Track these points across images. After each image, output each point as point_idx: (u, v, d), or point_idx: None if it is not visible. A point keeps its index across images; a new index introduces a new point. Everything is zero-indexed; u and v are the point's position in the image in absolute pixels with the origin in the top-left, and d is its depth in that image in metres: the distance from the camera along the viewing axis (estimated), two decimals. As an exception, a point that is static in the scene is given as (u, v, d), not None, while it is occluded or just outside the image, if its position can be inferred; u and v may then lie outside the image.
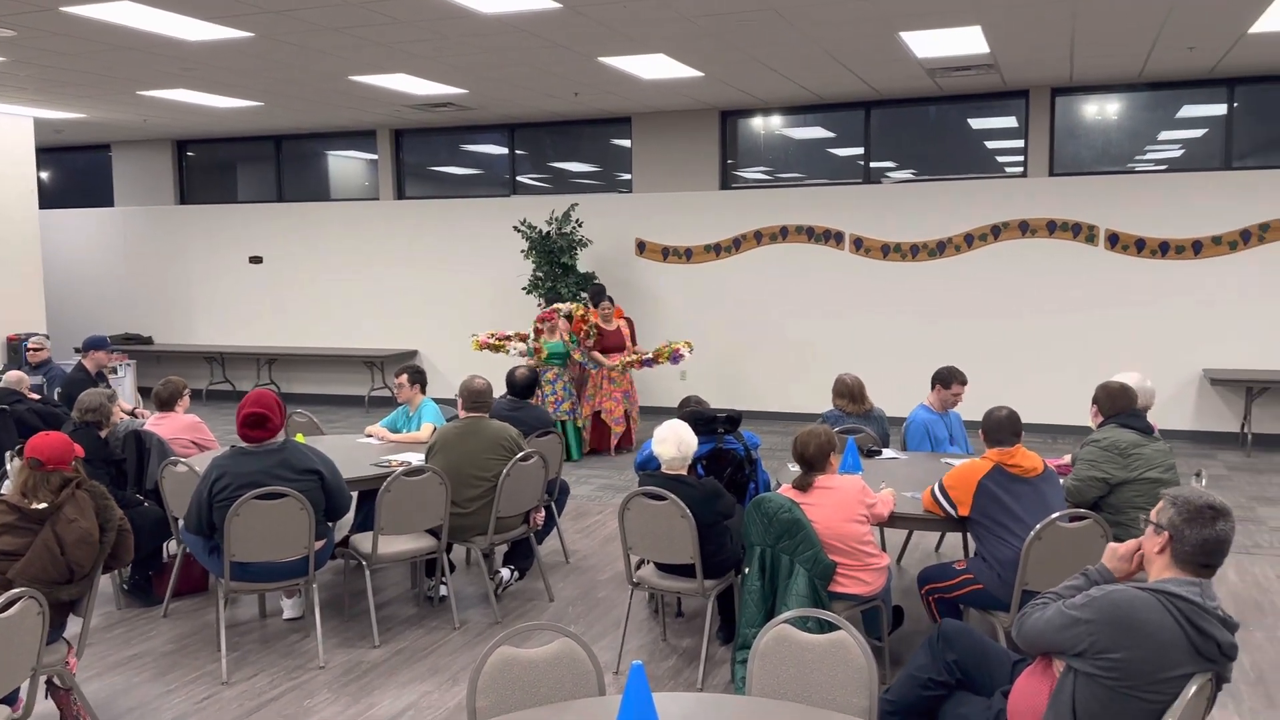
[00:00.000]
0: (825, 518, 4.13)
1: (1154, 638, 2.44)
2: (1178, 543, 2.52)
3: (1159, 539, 2.56)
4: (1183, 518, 2.52)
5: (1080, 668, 2.52)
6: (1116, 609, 2.48)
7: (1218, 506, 2.52)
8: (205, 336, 13.17)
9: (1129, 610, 2.47)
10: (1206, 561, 2.51)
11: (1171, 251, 9.55)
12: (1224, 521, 2.51)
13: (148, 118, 11.17)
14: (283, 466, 4.45)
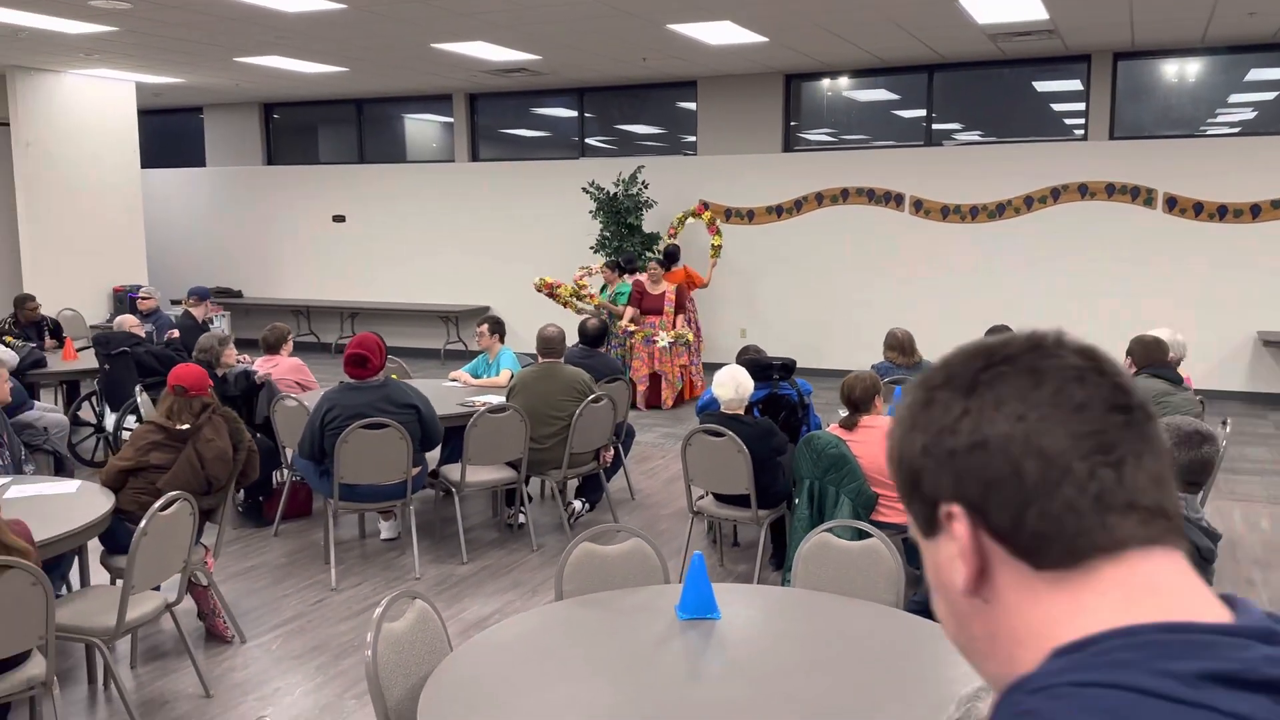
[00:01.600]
0: (869, 454, 4.56)
1: None
2: None
3: None
4: (1173, 441, 2.91)
5: None
6: None
7: (1203, 432, 2.90)
8: (292, 291, 13.91)
9: None
10: (1192, 479, 2.90)
11: (1230, 215, 9.66)
12: (1209, 445, 2.90)
13: (240, 82, 11.82)
14: (385, 401, 5.01)
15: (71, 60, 10.32)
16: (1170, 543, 0.73)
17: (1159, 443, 0.74)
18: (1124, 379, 0.75)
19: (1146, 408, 0.75)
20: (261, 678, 4.14)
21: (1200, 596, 0.71)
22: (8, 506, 3.78)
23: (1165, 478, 0.74)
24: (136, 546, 3.54)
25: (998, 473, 0.72)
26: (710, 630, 2.81)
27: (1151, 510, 0.72)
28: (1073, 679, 0.65)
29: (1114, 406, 0.73)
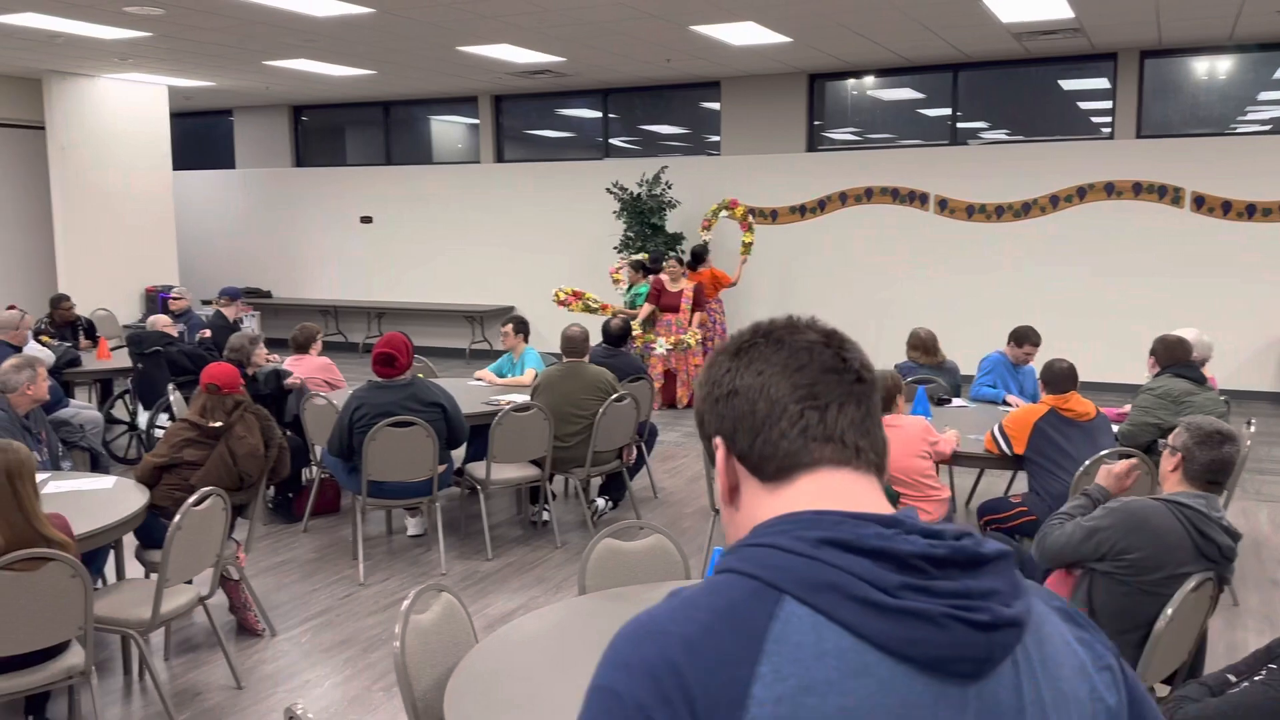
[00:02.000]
0: (891, 453, 4.57)
1: (1163, 538, 2.87)
2: (1189, 462, 2.93)
3: (1173, 459, 2.98)
4: (1195, 440, 2.93)
5: (1099, 568, 2.96)
6: (1131, 514, 2.91)
7: (1225, 432, 2.92)
8: (319, 291, 14.07)
9: (1142, 515, 2.90)
10: (1213, 479, 2.91)
11: (1258, 214, 9.58)
12: (1230, 445, 2.91)
13: (269, 85, 11.98)
14: (412, 399, 5.09)
15: (106, 65, 10.50)
16: (858, 467, 0.99)
17: (867, 399, 1.01)
18: (847, 352, 1.02)
19: (861, 373, 1.01)
20: (292, 670, 4.23)
21: (868, 500, 0.97)
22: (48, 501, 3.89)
23: (864, 423, 1.00)
24: (170, 541, 3.64)
25: (741, 412, 1.00)
26: (730, 625, 2.85)
27: (846, 443, 0.98)
28: (746, 541, 0.94)
29: (829, 369, 1.00)
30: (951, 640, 0.85)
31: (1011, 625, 0.88)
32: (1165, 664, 2.87)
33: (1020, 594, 0.92)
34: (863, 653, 0.85)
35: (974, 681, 0.87)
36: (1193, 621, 2.91)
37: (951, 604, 0.86)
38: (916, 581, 0.87)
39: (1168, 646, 2.82)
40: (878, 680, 0.84)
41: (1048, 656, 0.93)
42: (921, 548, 0.88)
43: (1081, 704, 0.94)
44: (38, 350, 7.03)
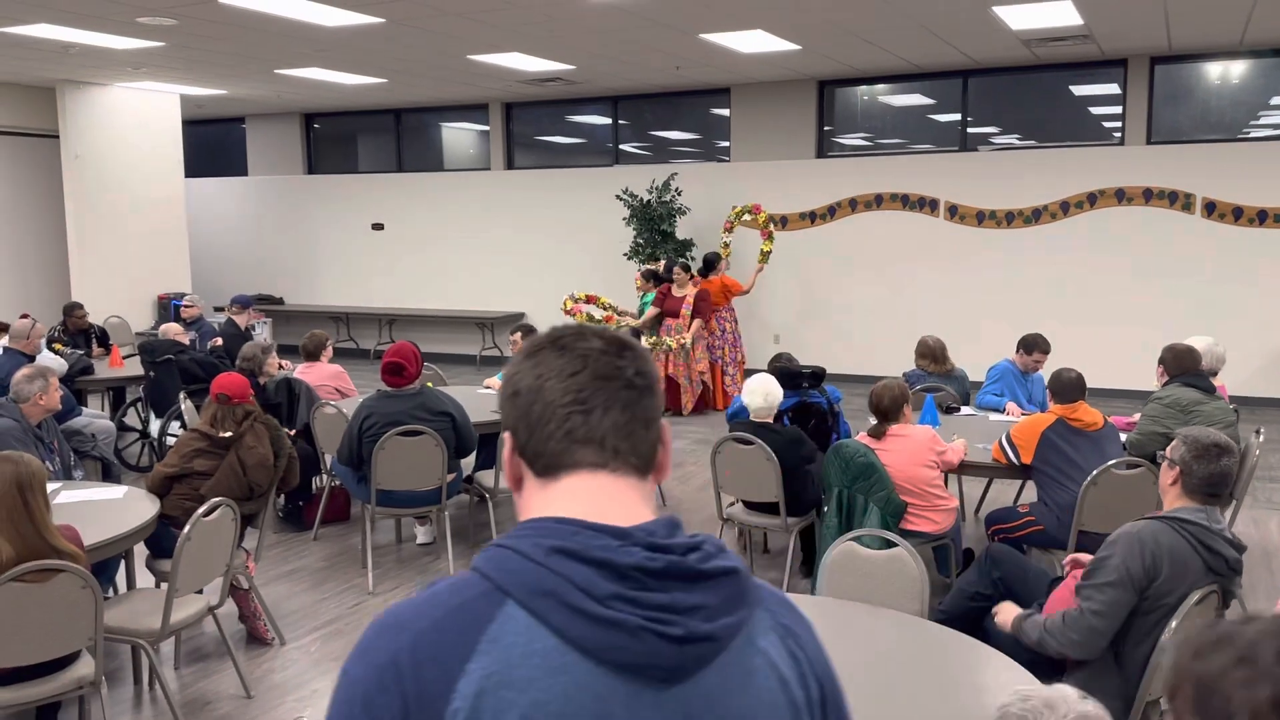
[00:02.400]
0: (898, 462, 4.59)
1: (1175, 559, 2.85)
2: (1187, 476, 2.92)
3: (1172, 473, 2.96)
4: (1192, 454, 2.91)
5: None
6: (1141, 544, 2.85)
7: (1222, 445, 2.90)
8: (331, 298, 14.14)
9: (1152, 540, 2.85)
10: (1212, 492, 2.90)
11: (1270, 219, 9.54)
12: (1228, 458, 2.90)
13: (281, 93, 12.05)
14: (421, 408, 5.11)
15: (119, 74, 10.58)
16: (615, 469, 1.07)
17: (635, 404, 1.07)
18: (623, 359, 1.08)
19: (633, 380, 1.08)
20: (301, 679, 4.25)
21: (619, 501, 1.05)
22: (59, 511, 3.93)
23: (627, 426, 1.07)
24: (180, 551, 3.66)
25: (521, 411, 1.08)
26: (735, 637, 2.86)
27: (606, 446, 1.06)
28: (497, 542, 1.03)
29: (600, 375, 1.06)
30: (644, 649, 0.96)
31: (706, 640, 0.98)
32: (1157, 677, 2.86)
33: (734, 610, 1.01)
34: (564, 654, 0.95)
35: (670, 685, 0.97)
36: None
37: (650, 616, 0.96)
38: (627, 592, 0.97)
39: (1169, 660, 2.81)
40: (574, 679, 0.95)
41: (735, 686, 1.01)
42: (640, 560, 0.98)
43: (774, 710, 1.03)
44: (51, 359, 7.08)
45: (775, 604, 1.11)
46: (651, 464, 1.11)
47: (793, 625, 1.11)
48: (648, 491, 1.09)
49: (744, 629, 1.03)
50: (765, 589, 1.12)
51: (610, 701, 0.95)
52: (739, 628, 1.02)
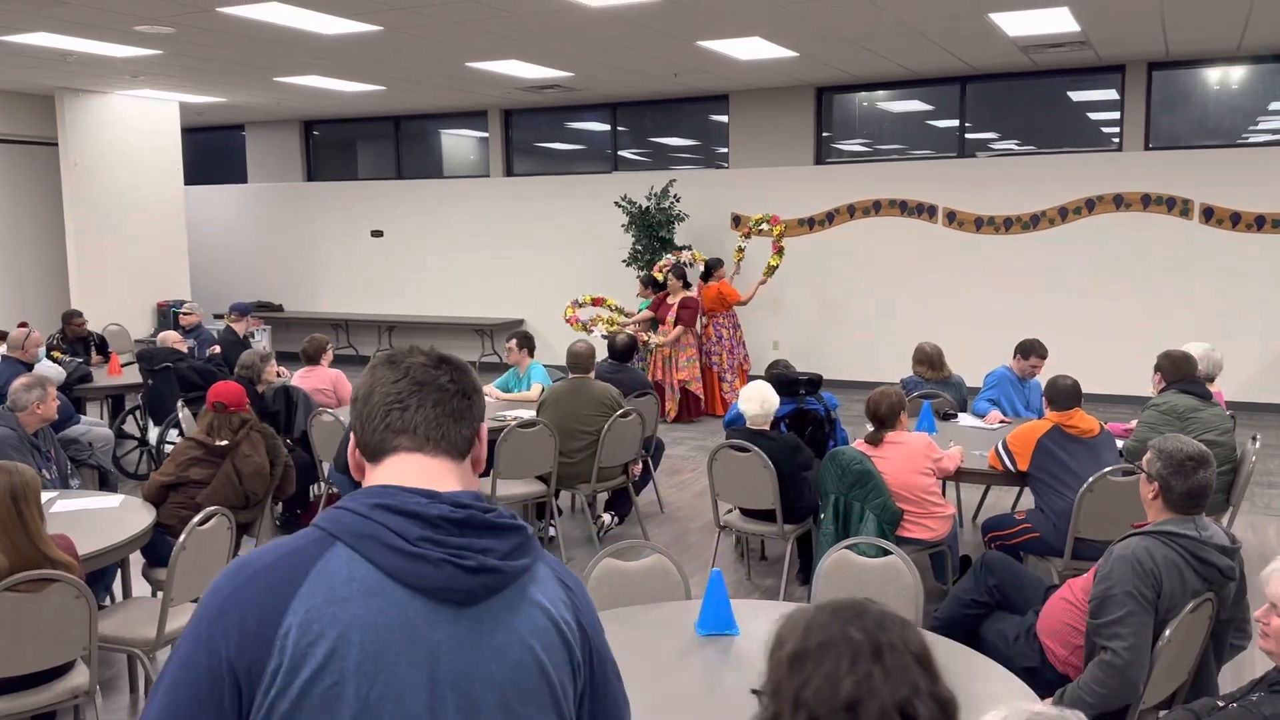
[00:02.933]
0: (894, 469, 4.59)
1: (1170, 573, 2.83)
2: (1167, 491, 2.90)
3: (1151, 487, 2.95)
4: (1169, 470, 2.89)
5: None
6: (1139, 562, 2.81)
7: (1197, 456, 2.88)
8: (330, 305, 14.15)
9: (1148, 557, 2.81)
10: (1193, 505, 2.89)
11: (1268, 225, 9.54)
12: (1204, 470, 2.88)
13: (280, 101, 12.07)
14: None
15: (118, 82, 10.60)
16: (429, 452, 1.35)
17: (445, 403, 1.35)
18: (439, 370, 1.37)
19: (446, 385, 1.37)
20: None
21: (430, 475, 1.33)
22: (54, 520, 3.93)
23: (438, 420, 1.35)
24: (176, 560, 3.66)
25: (358, 412, 1.37)
26: (728, 646, 2.86)
27: (418, 434, 1.34)
28: (334, 505, 1.29)
29: (418, 382, 1.36)
30: (445, 577, 1.23)
31: (493, 572, 1.26)
32: (1163, 686, 2.86)
33: (518, 556, 1.29)
34: (380, 582, 1.22)
35: (464, 607, 1.25)
36: (1191, 643, 2.90)
37: (451, 553, 1.23)
38: (434, 535, 1.24)
39: (1166, 668, 2.81)
40: (387, 600, 1.22)
41: (516, 611, 1.29)
42: (444, 512, 1.25)
43: (525, 649, 1.28)
44: (49, 368, 7.09)
45: (556, 565, 1.40)
46: (465, 452, 1.38)
47: (569, 582, 1.39)
48: (462, 472, 1.37)
49: (527, 572, 1.31)
50: (549, 555, 1.39)
51: (415, 618, 1.23)
52: (523, 570, 1.30)
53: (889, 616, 1.32)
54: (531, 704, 1.28)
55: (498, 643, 1.27)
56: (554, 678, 1.30)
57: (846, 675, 1.24)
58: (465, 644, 1.25)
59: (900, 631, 1.29)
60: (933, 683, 1.27)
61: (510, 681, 1.27)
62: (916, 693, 1.25)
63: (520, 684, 1.27)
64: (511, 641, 1.27)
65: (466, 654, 1.25)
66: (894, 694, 1.23)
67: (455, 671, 1.24)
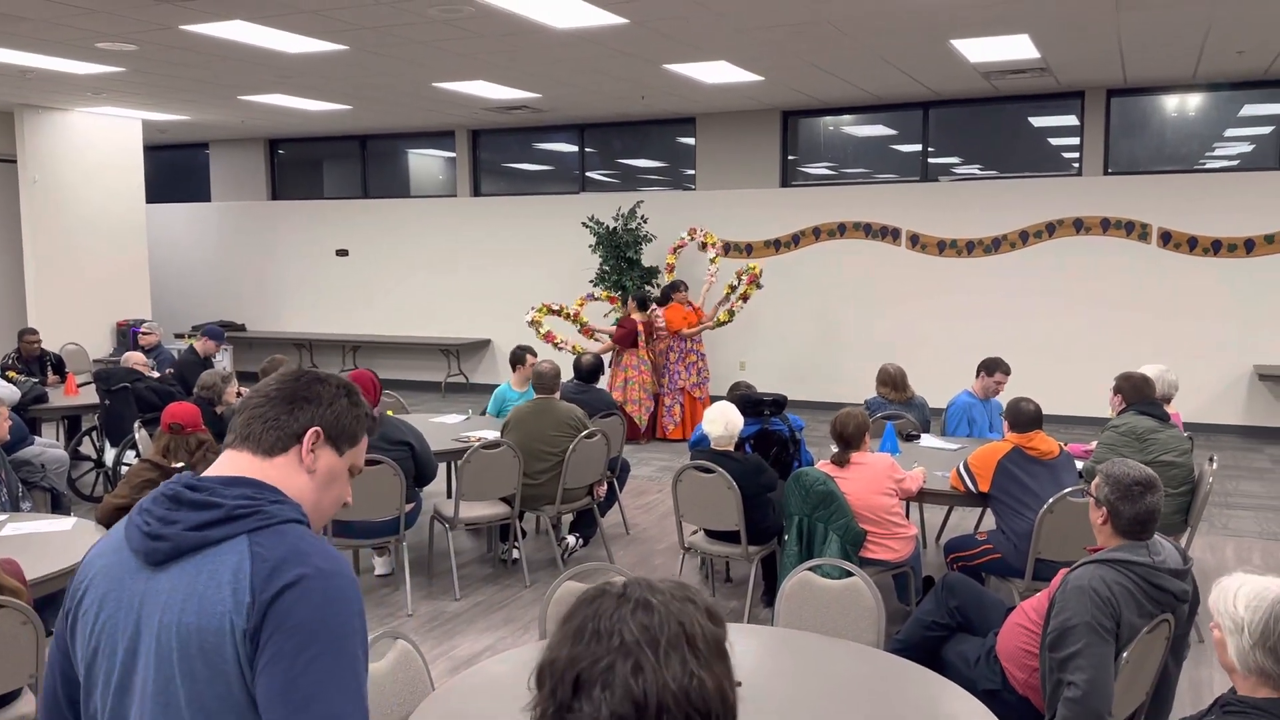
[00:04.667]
0: (857, 490, 4.60)
1: (1128, 603, 2.84)
2: (1115, 516, 2.92)
3: (1100, 512, 2.96)
4: (1116, 495, 2.91)
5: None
6: (1095, 593, 2.80)
7: (1144, 481, 2.90)
8: (294, 324, 14.02)
9: (1104, 586, 2.79)
10: (1142, 530, 2.91)
11: (1224, 250, 9.73)
12: (1152, 495, 2.90)
13: (245, 119, 11.99)
14: (378, 438, 5.05)
15: (79, 98, 10.48)
16: (239, 447, 1.63)
17: (262, 408, 1.63)
18: (275, 382, 1.65)
19: (270, 395, 1.64)
20: None
21: (230, 464, 1.62)
22: (2, 544, 3.84)
23: (250, 422, 1.63)
24: (128, 584, 3.58)
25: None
26: (690, 670, 2.83)
27: (239, 435, 1.62)
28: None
29: (253, 390, 1.68)
30: (138, 539, 1.52)
31: (161, 540, 1.50)
32: (1123, 706, 2.87)
33: (201, 530, 1.50)
34: (120, 544, 1.56)
35: (156, 568, 1.52)
36: (1149, 663, 2.91)
37: (144, 521, 1.53)
38: (151, 508, 1.55)
39: (1124, 689, 2.82)
40: (118, 557, 1.56)
41: (193, 575, 1.50)
42: (168, 490, 1.56)
43: (186, 608, 1.48)
44: (2, 387, 6.95)
45: (268, 542, 1.51)
46: (274, 450, 1.63)
47: (273, 560, 1.49)
48: (269, 466, 1.61)
49: (214, 545, 1.50)
50: (269, 534, 1.52)
51: (126, 571, 1.54)
52: (201, 542, 1.50)
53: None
54: (194, 655, 1.48)
55: (173, 600, 1.50)
56: (210, 640, 1.47)
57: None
58: (157, 595, 1.51)
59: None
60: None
61: (178, 632, 1.49)
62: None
63: (183, 636, 1.48)
64: (183, 599, 1.49)
65: (156, 603, 1.51)
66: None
67: (150, 617, 1.51)
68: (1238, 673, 2.14)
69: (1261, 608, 2.12)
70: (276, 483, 1.59)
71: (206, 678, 1.46)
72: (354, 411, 1.71)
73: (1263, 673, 2.11)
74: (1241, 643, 2.12)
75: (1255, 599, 2.13)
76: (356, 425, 1.72)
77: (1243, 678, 2.14)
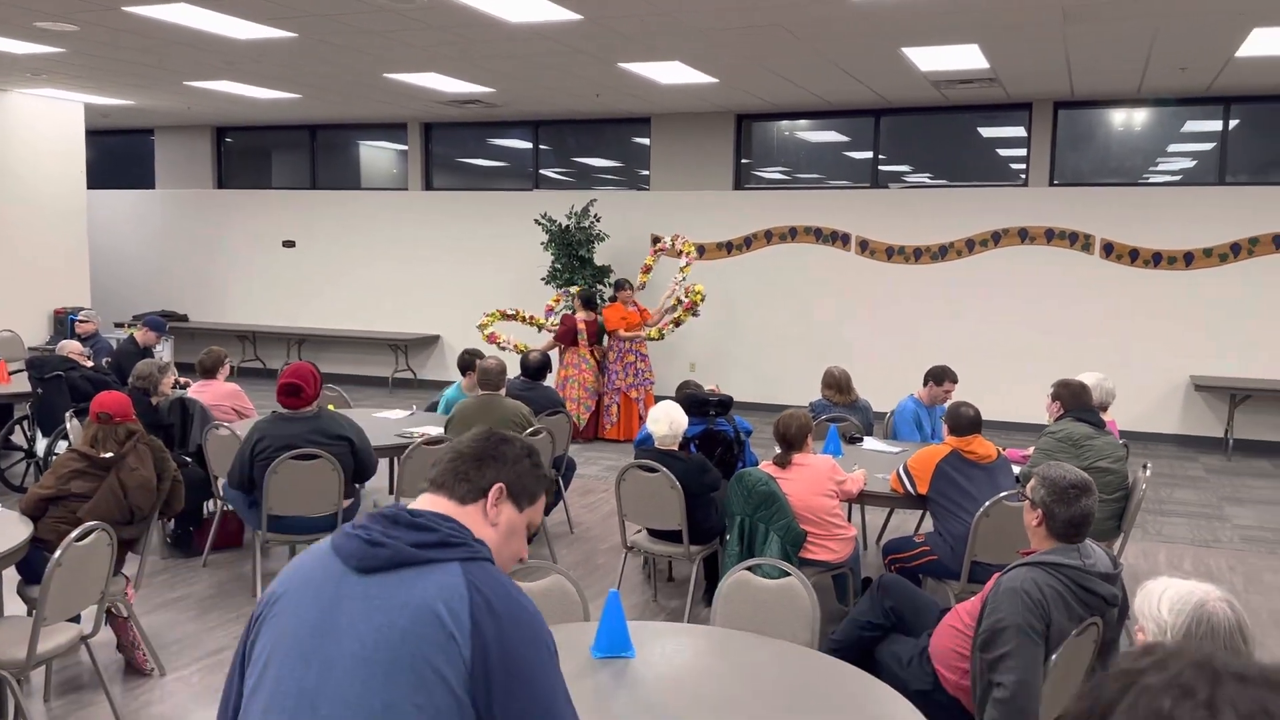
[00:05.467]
0: (798, 491, 4.61)
1: (1058, 605, 2.87)
2: (1050, 519, 2.96)
3: (1035, 514, 3.00)
4: (1052, 498, 2.95)
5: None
6: (1027, 595, 2.83)
7: (1080, 485, 2.94)
8: (238, 316, 13.77)
9: (1035, 589, 2.82)
10: (1075, 533, 2.95)
11: (1164, 262, 9.94)
12: (1087, 498, 2.94)
13: (191, 105, 11.75)
14: (317, 432, 4.97)
15: (18, 79, 10.20)
16: (437, 492, 1.82)
17: (456, 462, 1.83)
18: (469, 442, 1.88)
19: (463, 452, 1.84)
20: (178, 712, 4.07)
21: (427, 504, 1.80)
22: (-82, 534, 3.70)
23: (449, 470, 1.83)
24: (49, 577, 3.48)
25: None
26: (623, 669, 2.82)
27: (435, 482, 1.82)
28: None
29: (450, 448, 1.89)
30: (353, 545, 1.67)
31: (383, 547, 1.65)
32: (1051, 709, 2.90)
33: (420, 549, 1.65)
34: (323, 550, 1.72)
35: (365, 574, 1.65)
36: (1077, 666, 2.95)
37: (363, 531, 1.68)
38: (367, 523, 1.70)
39: (1053, 691, 2.85)
40: (321, 561, 1.70)
41: (404, 589, 1.63)
42: (387, 511, 1.72)
43: (395, 616, 1.61)
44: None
45: (481, 577, 1.66)
46: (465, 500, 1.81)
47: (485, 591, 1.64)
48: (462, 511, 1.79)
49: (429, 565, 1.64)
50: (487, 571, 1.68)
51: (328, 573, 1.67)
52: (421, 560, 1.64)
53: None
54: (384, 660, 1.58)
55: (377, 605, 1.61)
56: (417, 649, 1.58)
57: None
58: (354, 598, 1.63)
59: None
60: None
61: (373, 636, 1.60)
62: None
63: (380, 642, 1.59)
64: (387, 607, 1.61)
65: (353, 605, 1.63)
66: None
67: (352, 620, 1.62)
68: None
69: (1185, 611, 2.14)
70: (470, 527, 1.75)
71: (410, 683, 1.57)
72: (535, 473, 1.88)
73: None
74: None
75: (1179, 602, 2.15)
76: (537, 485, 1.89)
77: None
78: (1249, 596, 5.69)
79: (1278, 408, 9.64)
